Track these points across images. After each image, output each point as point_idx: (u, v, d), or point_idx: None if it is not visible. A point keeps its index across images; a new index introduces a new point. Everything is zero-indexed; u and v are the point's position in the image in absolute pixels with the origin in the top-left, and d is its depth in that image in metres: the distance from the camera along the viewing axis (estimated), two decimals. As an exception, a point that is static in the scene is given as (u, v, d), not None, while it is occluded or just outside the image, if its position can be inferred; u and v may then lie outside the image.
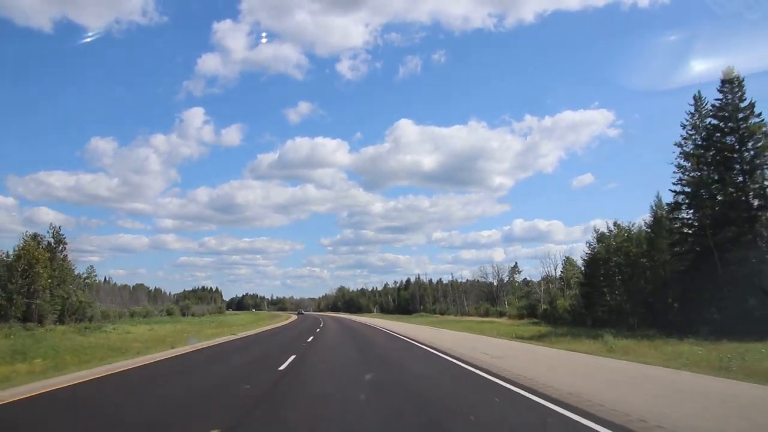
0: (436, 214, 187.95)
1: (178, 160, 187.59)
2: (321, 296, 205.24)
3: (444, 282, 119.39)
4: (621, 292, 39.13)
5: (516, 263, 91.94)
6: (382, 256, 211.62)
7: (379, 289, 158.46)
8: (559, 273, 65.39)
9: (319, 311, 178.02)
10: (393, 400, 8.33)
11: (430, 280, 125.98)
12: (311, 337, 24.19)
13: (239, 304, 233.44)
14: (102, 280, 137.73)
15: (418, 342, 22.18)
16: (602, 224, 44.47)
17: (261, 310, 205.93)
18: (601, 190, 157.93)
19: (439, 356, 15.80)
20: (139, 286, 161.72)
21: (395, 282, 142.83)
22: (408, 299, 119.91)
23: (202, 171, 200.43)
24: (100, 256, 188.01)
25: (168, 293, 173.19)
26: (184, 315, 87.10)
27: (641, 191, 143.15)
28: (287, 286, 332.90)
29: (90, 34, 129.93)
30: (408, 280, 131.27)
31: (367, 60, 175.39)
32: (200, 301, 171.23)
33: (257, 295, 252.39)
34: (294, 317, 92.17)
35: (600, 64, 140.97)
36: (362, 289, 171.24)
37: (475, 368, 12.15)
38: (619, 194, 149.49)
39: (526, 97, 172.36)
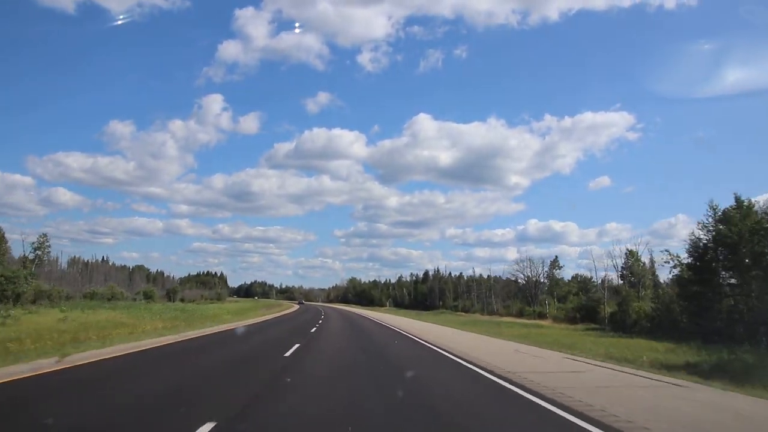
0: (451, 211, 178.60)
1: (195, 146, 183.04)
2: (331, 287, 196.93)
3: (465, 276, 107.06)
4: (761, 293, 26.45)
5: (556, 257, 78.27)
6: (394, 250, 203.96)
7: (393, 281, 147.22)
8: (619, 270, 52.48)
9: (328, 302, 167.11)
10: None
11: (450, 274, 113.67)
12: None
13: (247, 291, 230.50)
14: (100, 259, 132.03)
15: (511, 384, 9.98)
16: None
17: (269, 298, 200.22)
18: (618, 193, 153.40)
19: None
20: (139, 268, 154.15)
21: (412, 274, 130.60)
22: (426, 294, 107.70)
23: (218, 158, 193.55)
24: (114, 238, 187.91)
25: (171, 277, 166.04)
26: (170, 300, 76.03)
27: (659, 196, 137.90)
28: (299, 276, 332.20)
29: (121, 17, 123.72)
30: (426, 273, 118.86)
31: (388, 52, 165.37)
32: (203, 286, 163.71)
33: (266, 283, 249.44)
34: (295, 307, 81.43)
35: (623, 66, 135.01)
36: (375, 280, 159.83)
37: None
38: (635, 198, 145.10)
39: (546, 96, 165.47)
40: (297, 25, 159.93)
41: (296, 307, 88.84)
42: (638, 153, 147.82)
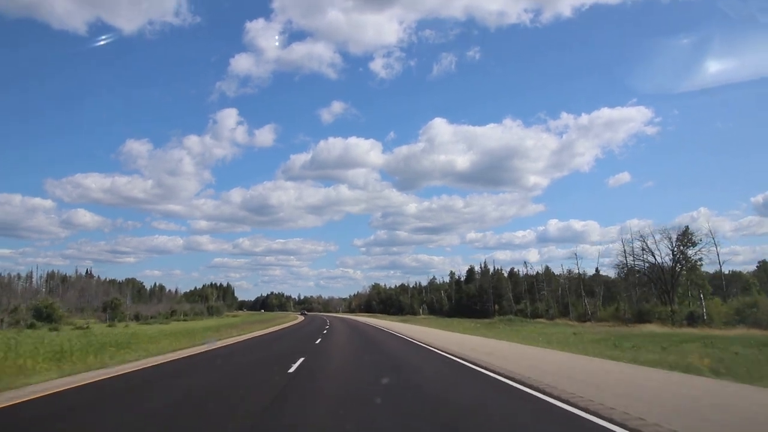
0: (470, 215, 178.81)
1: (211, 162, 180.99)
2: (352, 295, 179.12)
3: (520, 272, 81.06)
4: None
5: (687, 228, 50.14)
6: (415, 257, 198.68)
7: (424, 284, 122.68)
8: None
9: (350, 312, 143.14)
10: None
11: (500, 270, 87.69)
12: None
13: (263, 303, 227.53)
14: (84, 273, 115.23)
15: None
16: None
17: (286, 309, 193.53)
18: (637, 189, 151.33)
19: None
20: (130, 281, 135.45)
21: (452, 273, 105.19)
22: (474, 296, 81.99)
23: (235, 172, 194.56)
24: (136, 257, 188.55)
25: (173, 291, 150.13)
26: (112, 319, 52.38)
27: (680, 190, 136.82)
28: (320, 287, 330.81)
29: (104, 37, 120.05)
30: (471, 270, 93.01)
31: (401, 58, 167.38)
32: (203, 299, 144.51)
33: (283, 294, 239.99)
34: (299, 319, 58.82)
35: (637, 60, 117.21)
36: (403, 284, 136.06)
37: None
38: (656, 193, 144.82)
39: (562, 94, 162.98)
40: (276, 38, 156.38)
41: (300, 318, 65.35)
42: (657, 147, 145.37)
